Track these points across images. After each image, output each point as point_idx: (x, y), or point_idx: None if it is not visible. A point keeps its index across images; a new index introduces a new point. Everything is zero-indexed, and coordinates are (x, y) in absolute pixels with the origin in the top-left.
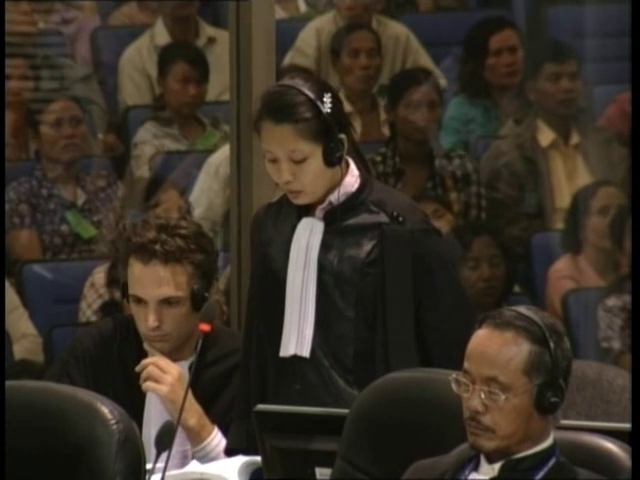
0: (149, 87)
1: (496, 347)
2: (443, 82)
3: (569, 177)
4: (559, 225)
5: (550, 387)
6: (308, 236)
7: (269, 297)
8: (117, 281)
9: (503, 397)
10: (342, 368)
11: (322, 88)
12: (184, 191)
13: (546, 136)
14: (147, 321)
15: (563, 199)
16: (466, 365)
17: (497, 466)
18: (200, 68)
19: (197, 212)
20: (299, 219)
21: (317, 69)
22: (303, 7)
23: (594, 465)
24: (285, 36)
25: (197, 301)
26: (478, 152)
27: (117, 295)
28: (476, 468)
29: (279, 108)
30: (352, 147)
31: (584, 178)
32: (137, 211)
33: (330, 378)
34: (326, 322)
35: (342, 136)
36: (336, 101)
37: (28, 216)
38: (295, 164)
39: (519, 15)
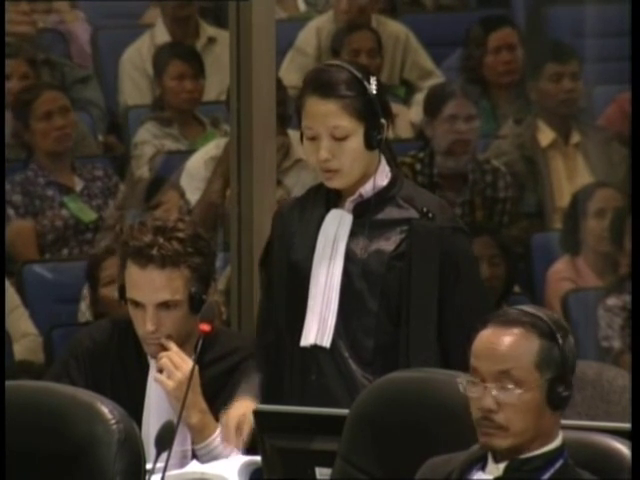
0: (149, 87)
1: (507, 343)
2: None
3: (569, 177)
4: (559, 225)
5: (561, 382)
6: (336, 227)
7: (292, 288)
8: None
9: (517, 392)
10: (360, 360)
11: (368, 72)
12: (185, 191)
13: (546, 136)
14: (145, 325)
15: (563, 199)
16: (475, 364)
17: (502, 466)
18: (195, 64)
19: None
20: (327, 211)
21: None
22: (303, 7)
23: (601, 465)
24: (285, 36)
25: (195, 303)
26: (478, 152)
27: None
28: (483, 468)
29: (326, 84)
30: (384, 143)
31: (584, 178)
32: (138, 211)
33: (347, 369)
34: (349, 313)
35: (383, 121)
36: (381, 86)
37: (22, 206)
38: (335, 142)
39: (519, 15)
